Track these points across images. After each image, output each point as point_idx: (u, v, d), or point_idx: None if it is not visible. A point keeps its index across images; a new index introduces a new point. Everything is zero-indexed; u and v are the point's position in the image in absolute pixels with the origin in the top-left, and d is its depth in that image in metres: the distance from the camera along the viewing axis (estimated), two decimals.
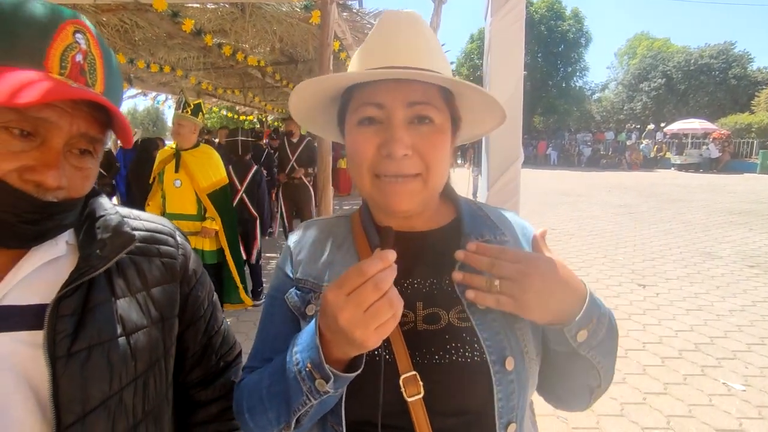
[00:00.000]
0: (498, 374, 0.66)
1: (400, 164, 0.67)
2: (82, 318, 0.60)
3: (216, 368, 0.83)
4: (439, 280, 0.73)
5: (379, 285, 0.52)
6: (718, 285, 5.13)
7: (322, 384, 0.58)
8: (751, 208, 10.35)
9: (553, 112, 32.61)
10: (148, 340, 0.67)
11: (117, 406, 0.61)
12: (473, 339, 0.67)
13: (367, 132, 0.69)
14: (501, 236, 0.77)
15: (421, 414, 0.64)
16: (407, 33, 0.71)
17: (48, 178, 0.55)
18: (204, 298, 0.81)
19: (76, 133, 0.57)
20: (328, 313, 0.55)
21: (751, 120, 23.50)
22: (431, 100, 0.69)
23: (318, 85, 0.72)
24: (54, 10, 0.56)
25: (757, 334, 3.86)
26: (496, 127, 0.83)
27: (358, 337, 0.53)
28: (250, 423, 0.70)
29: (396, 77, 0.66)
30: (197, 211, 3.56)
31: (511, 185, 1.59)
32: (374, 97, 0.68)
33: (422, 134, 0.68)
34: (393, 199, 0.68)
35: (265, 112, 14.75)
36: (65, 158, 0.57)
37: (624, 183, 15.69)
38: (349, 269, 0.55)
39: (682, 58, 31.43)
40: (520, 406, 0.68)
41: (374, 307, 0.53)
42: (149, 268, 0.71)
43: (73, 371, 0.57)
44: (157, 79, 7.93)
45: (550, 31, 31.07)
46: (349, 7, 4.35)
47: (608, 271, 5.70)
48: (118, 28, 4.59)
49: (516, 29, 1.53)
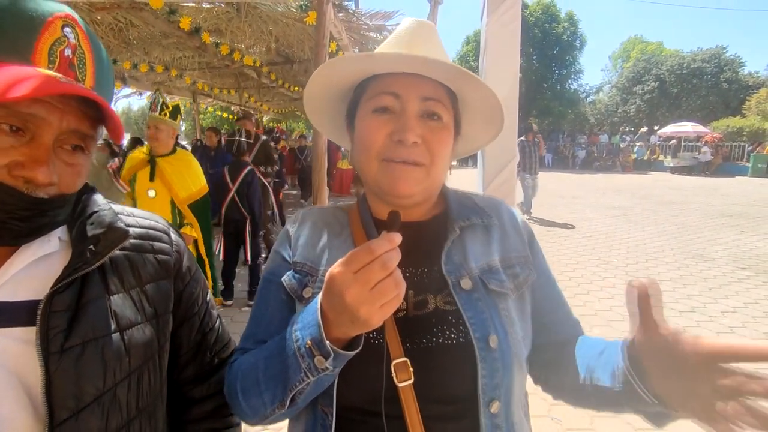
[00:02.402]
0: (482, 351, 0.68)
1: (410, 151, 0.71)
2: (76, 314, 0.60)
3: (210, 365, 0.82)
4: (429, 267, 0.76)
5: (386, 264, 0.54)
6: (710, 287, 5.17)
7: (321, 361, 0.59)
8: (743, 210, 10.45)
9: (548, 115, 32.79)
10: (142, 336, 0.66)
11: (111, 403, 0.61)
12: (458, 321, 0.70)
13: (380, 119, 0.74)
14: (488, 219, 0.82)
15: (411, 400, 0.65)
16: (425, 34, 0.78)
17: (38, 174, 0.54)
18: (198, 294, 0.81)
19: (66, 129, 0.57)
20: (334, 290, 0.56)
21: (743, 123, 23.82)
22: (441, 98, 0.74)
23: (343, 64, 0.76)
24: (41, 4, 0.56)
25: (749, 335, 3.89)
26: (490, 141, 0.89)
27: (363, 314, 0.54)
28: (243, 404, 0.70)
29: (420, 64, 0.70)
30: (172, 221, 3.34)
31: (507, 185, 1.60)
32: (392, 87, 0.73)
33: (431, 128, 0.73)
34: (399, 182, 0.72)
35: (261, 112, 14.73)
36: (56, 154, 0.57)
37: (618, 185, 15.78)
38: (357, 248, 0.56)
39: (675, 62, 31.79)
40: (505, 385, 0.69)
41: (381, 285, 0.54)
42: (143, 264, 0.71)
43: (66, 367, 0.57)
44: (152, 79, 7.90)
45: (544, 34, 31.26)
46: (345, 8, 4.36)
47: (602, 272, 5.73)
48: (112, 26, 4.58)
49: (512, 30, 1.55)
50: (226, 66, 6.80)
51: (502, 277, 0.76)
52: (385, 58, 0.72)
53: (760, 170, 19.30)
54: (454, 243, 0.77)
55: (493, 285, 0.74)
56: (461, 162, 18.27)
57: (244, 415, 0.72)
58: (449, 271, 0.74)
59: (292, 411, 0.69)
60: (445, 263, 0.75)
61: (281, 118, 18.83)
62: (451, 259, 0.76)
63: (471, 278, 0.74)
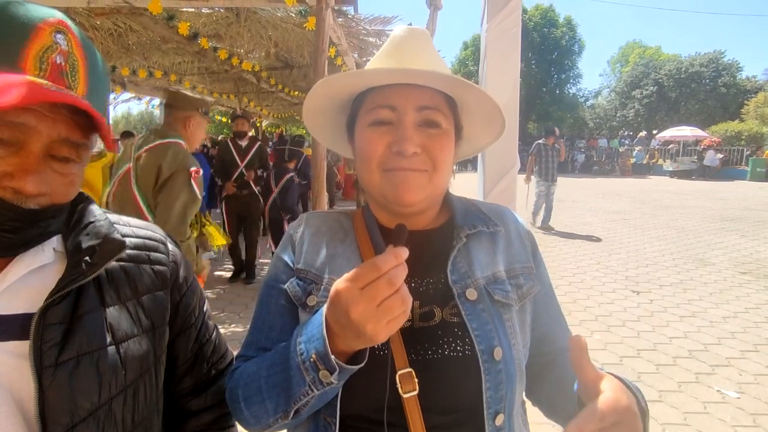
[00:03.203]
0: (486, 364, 0.68)
1: (410, 161, 0.71)
2: (71, 326, 0.58)
3: (207, 377, 0.81)
4: (435, 278, 0.76)
5: (392, 281, 0.53)
6: (711, 292, 5.16)
7: (326, 375, 0.58)
8: (743, 214, 10.46)
9: (548, 119, 32.86)
10: (138, 348, 0.65)
11: (106, 417, 0.59)
12: (464, 333, 0.70)
13: (379, 131, 0.74)
14: (494, 226, 0.81)
15: (415, 411, 0.65)
16: (418, 43, 0.78)
17: (27, 184, 0.53)
18: (195, 305, 0.80)
19: (57, 138, 0.55)
20: (340, 306, 0.55)
21: (741, 128, 23.88)
22: (439, 106, 0.74)
23: (337, 82, 0.76)
24: (32, 10, 0.54)
25: (750, 340, 3.88)
26: (494, 141, 0.88)
27: (369, 331, 0.54)
28: (246, 412, 0.69)
29: (411, 77, 0.71)
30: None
31: (508, 192, 1.59)
32: (387, 100, 0.73)
33: (430, 136, 0.73)
34: (402, 190, 0.72)
35: (260, 116, 14.74)
36: (47, 164, 0.55)
37: (617, 189, 15.81)
38: (363, 264, 0.55)
39: (673, 66, 31.94)
40: (509, 398, 0.69)
41: (387, 303, 0.53)
42: (140, 275, 0.69)
43: (60, 381, 0.55)
44: (152, 84, 7.89)
45: (543, 39, 31.44)
46: (345, 13, 4.36)
47: (602, 277, 5.72)
48: (111, 32, 4.57)
49: (512, 35, 1.54)
50: (226, 71, 6.79)
51: (507, 287, 0.76)
52: (377, 73, 0.72)
53: (759, 174, 19.35)
54: (460, 251, 0.77)
55: (498, 296, 0.74)
56: (460, 165, 18.27)
57: (247, 423, 0.71)
58: (455, 281, 0.74)
59: (296, 422, 0.69)
60: (451, 272, 0.74)
61: (281, 122, 18.85)
62: (457, 268, 0.75)
63: (476, 288, 0.73)
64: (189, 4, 3.80)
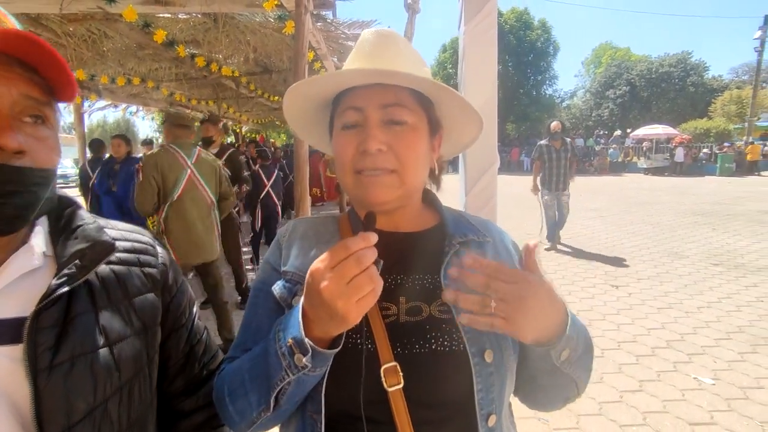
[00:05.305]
0: (477, 366, 0.69)
1: (375, 159, 0.72)
2: (64, 329, 0.59)
3: (199, 377, 0.82)
4: (422, 277, 0.77)
5: (360, 260, 0.56)
6: (686, 283, 5.33)
7: (299, 359, 0.60)
8: (713, 209, 10.83)
9: (525, 120, 33.47)
10: (131, 349, 0.65)
11: (102, 417, 0.60)
12: (453, 330, 0.71)
13: (349, 134, 0.75)
14: (483, 237, 0.83)
15: (401, 404, 0.66)
16: (386, 43, 0.78)
17: (6, 138, 0.54)
18: (185, 306, 0.80)
19: (18, 96, 0.56)
20: (313, 286, 0.58)
21: (710, 125, 24.75)
22: (403, 102, 0.74)
23: (306, 89, 0.78)
24: None
25: (724, 329, 4.02)
26: (477, 137, 0.89)
27: (340, 308, 0.56)
28: (230, 408, 0.70)
29: (368, 77, 0.72)
30: None
31: (488, 189, 1.63)
32: (354, 102, 0.75)
33: (396, 133, 0.73)
34: (370, 191, 0.73)
35: (240, 122, 14.60)
36: (19, 126, 0.56)
37: (594, 187, 16.16)
38: (334, 246, 0.58)
39: (644, 66, 32.91)
40: (499, 400, 0.70)
41: (356, 280, 0.56)
42: (130, 278, 0.70)
43: (56, 384, 0.56)
44: (128, 91, 7.75)
45: (519, 41, 31.97)
46: (324, 17, 4.38)
47: (582, 273, 5.85)
48: (85, 38, 4.49)
49: (489, 37, 1.58)
50: (204, 77, 6.72)
51: None
52: (339, 75, 0.73)
53: (727, 170, 20.07)
54: (452, 258, 0.77)
55: None
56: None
57: (232, 422, 0.72)
58: (447, 285, 0.74)
59: (280, 415, 0.69)
60: (444, 277, 0.75)
61: (261, 128, 18.67)
62: (449, 274, 0.74)
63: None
64: (165, 10, 3.76)
